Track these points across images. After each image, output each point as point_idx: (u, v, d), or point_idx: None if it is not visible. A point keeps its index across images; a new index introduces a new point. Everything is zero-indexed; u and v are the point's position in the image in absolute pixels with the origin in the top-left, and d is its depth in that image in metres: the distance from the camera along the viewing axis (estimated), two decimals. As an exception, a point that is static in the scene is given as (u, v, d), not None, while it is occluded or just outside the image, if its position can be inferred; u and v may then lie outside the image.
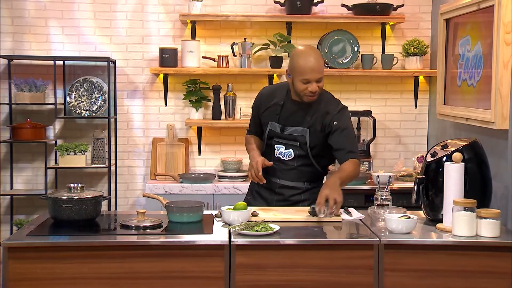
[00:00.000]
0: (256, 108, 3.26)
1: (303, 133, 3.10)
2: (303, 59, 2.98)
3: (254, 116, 3.30)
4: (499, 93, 3.03)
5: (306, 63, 2.97)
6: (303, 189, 3.19)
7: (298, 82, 2.99)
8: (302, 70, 2.97)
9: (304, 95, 3.02)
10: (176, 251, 2.57)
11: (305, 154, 3.12)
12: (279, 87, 3.24)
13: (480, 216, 2.65)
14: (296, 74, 2.99)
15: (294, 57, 3.04)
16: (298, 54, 3.04)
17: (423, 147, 4.70)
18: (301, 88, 3.00)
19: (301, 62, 2.97)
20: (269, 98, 3.19)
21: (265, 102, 3.20)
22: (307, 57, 2.99)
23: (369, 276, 2.58)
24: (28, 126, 4.36)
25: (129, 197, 4.67)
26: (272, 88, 3.30)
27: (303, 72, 2.97)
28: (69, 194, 2.77)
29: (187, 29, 4.60)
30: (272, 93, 3.21)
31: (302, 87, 2.99)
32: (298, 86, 3.00)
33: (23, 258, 2.52)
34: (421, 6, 4.66)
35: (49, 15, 4.53)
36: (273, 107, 3.16)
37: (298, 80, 2.98)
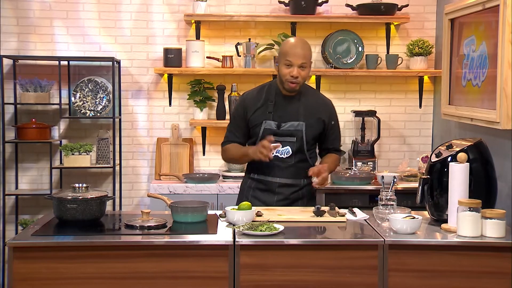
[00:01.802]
0: (242, 113, 3.20)
1: (300, 127, 3.15)
2: (289, 44, 3.12)
3: (238, 123, 3.22)
4: (504, 93, 3.02)
5: (290, 47, 3.09)
6: (301, 186, 3.23)
7: (282, 66, 3.08)
8: (286, 52, 3.07)
9: (286, 81, 3.09)
10: (180, 251, 2.57)
11: (301, 149, 3.18)
12: (262, 88, 3.26)
13: (485, 217, 2.64)
14: (281, 58, 3.09)
15: (282, 44, 3.20)
16: (286, 41, 3.21)
17: (428, 147, 4.69)
18: (284, 73, 3.08)
19: (287, 46, 3.11)
20: (255, 99, 3.19)
21: (252, 105, 3.19)
22: (293, 42, 3.13)
23: (374, 276, 2.58)
24: (33, 126, 4.37)
25: (133, 197, 4.68)
26: (255, 91, 3.27)
27: (286, 53, 3.07)
28: (74, 194, 2.78)
29: (191, 29, 4.61)
30: (257, 94, 3.22)
31: (285, 71, 3.07)
32: (282, 71, 3.08)
33: (28, 258, 2.53)
34: (425, 6, 4.65)
35: (54, 15, 4.54)
36: (264, 106, 3.17)
37: (282, 64, 3.08)
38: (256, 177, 3.22)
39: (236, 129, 3.24)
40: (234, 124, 3.26)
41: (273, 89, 3.20)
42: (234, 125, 3.25)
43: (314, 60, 4.66)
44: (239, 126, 3.22)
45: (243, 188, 3.30)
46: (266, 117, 3.15)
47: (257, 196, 3.21)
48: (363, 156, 4.46)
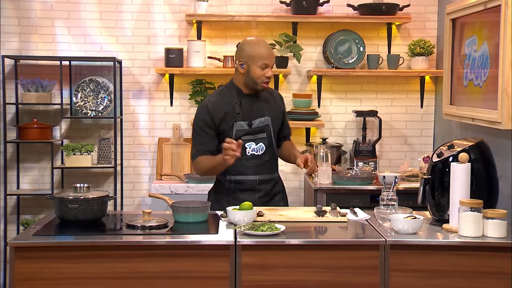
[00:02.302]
0: (209, 121, 3.11)
1: (267, 122, 3.21)
2: (260, 46, 3.11)
3: (207, 132, 3.12)
4: (505, 93, 3.01)
5: (264, 49, 3.11)
6: (276, 180, 3.29)
7: (256, 68, 3.08)
8: (263, 55, 3.08)
9: (260, 82, 3.12)
10: (181, 251, 2.57)
11: (271, 143, 3.23)
12: (220, 93, 3.22)
13: (486, 217, 2.64)
14: (255, 61, 3.08)
15: (248, 45, 3.13)
16: (252, 42, 3.15)
17: (429, 147, 4.69)
18: (258, 75, 3.09)
19: (259, 48, 3.10)
20: (218, 105, 3.14)
21: (217, 111, 3.13)
22: (262, 44, 3.14)
23: (375, 277, 2.58)
24: (34, 126, 4.38)
25: (135, 197, 4.68)
26: (214, 97, 3.19)
27: (263, 57, 3.08)
28: (75, 194, 2.78)
29: (192, 29, 4.61)
30: (218, 100, 3.16)
31: (260, 73, 3.09)
32: (256, 72, 3.09)
33: (30, 258, 2.53)
34: (427, 6, 4.65)
35: (55, 15, 4.54)
36: (230, 110, 3.14)
37: (257, 67, 3.08)
38: (234, 178, 3.17)
39: (206, 139, 3.12)
40: (202, 135, 3.13)
41: (233, 91, 3.18)
42: (203, 136, 3.13)
43: (316, 60, 4.66)
44: (209, 135, 3.12)
45: (220, 192, 3.21)
46: (235, 119, 3.14)
47: (238, 197, 3.15)
48: (365, 156, 4.46)
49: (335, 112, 4.69)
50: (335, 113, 4.69)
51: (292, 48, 4.46)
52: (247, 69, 3.10)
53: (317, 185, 3.99)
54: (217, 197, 3.23)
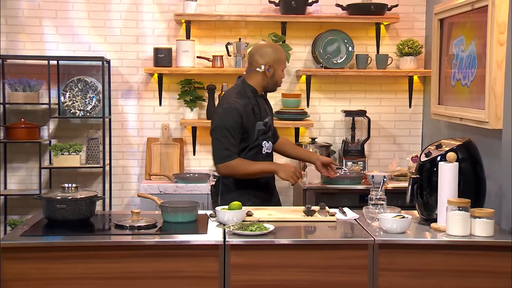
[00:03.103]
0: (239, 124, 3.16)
1: (270, 121, 3.36)
2: (282, 51, 3.35)
3: (236, 134, 3.16)
4: (493, 93, 3.04)
5: (283, 52, 3.36)
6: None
7: (280, 72, 3.31)
8: (284, 59, 3.34)
9: (280, 83, 3.36)
10: (170, 251, 2.57)
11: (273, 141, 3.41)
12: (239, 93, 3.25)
13: (474, 216, 2.66)
14: (280, 64, 3.30)
15: (274, 51, 3.30)
16: (275, 46, 3.38)
17: (418, 147, 4.71)
18: (280, 78, 3.33)
19: (282, 53, 3.33)
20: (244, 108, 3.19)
21: (244, 115, 3.18)
22: (281, 49, 3.38)
23: (364, 276, 2.59)
24: (22, 126, 4.35)
25: (123, 197, 4.67)
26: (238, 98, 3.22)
27: (284, 61, 3.35)
28: (63, 194, 2.77)
29: (181, 29, 4.60)
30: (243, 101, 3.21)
31: (282, 76, 3.34)
32: (280, 75, 3.32)
33: (17, 259, 2.51)
34: (415, 6, 4.67)
35: (43, 14, 4.51)
36: (250, 111, 3.21)
37: (281, 70, 3.31)
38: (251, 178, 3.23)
39: (235, 142, 3.17)
40: (232, 137, 3.15)
41: (249, 92, 3.26)
42: (233, 139, 3.16)
43: (305, 60, 4.67)
44: (237, 137, 3.18)
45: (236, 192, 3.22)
46: (255, 119, 3.23)
47: (256, 195, 3.25)
48: (353, 156, 4.48)
49: (324, 112, 4.70)
50: (324, 113, 4.70)
51: (281, 48, 4.46)
52: (273, 72, 3.28)
53: (306, 185, 4.00)
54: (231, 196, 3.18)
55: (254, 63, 3.27)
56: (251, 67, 3.29)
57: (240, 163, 3.16)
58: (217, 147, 3.18)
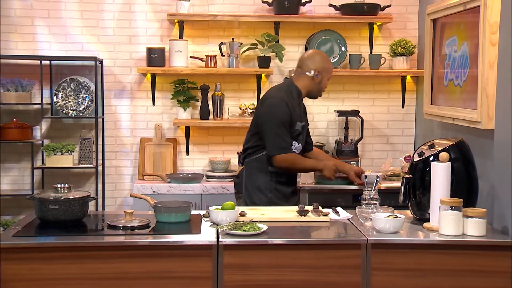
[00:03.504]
0: (288, 118, 3.40)
1: (306, 125, 3.61)
2: (330, 62, 3.65)
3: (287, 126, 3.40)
4: (485, 93, 3.05)
5: (332, 66, 3.67)
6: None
7: (326, 80, 3.56)
8: (331, 69, 3.63)
9: (322, 92, 3.61)
10: (164, 251, 2.57)
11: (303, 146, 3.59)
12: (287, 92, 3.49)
13: (466, 215, 2.67)
14: (328, 73, 3.56)
15: (324, 59, 3.58)
16: (325, 55, 3.64)
17: (411, 146, 4.72)
18: (325, 86, 3.58)
19: (329, 63, 3.62)
20: (292, 104, 3.44)
21: (292, 110, 3.43)
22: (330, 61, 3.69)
23: (357, 276, 2.59)
24: (14, 126, 4.33)
25: (116, 197, 4.66)
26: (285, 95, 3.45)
27: (332, 71, 3.64)
28: (56, 195, 2.76)
29: (174, 28, 4.59)
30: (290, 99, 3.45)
31: (326, 84, 3.58)
32: (325, 83, 3.57)
33: (10, 259, 2.50)
34: (408, 7, 4.68)
35: (36, 14, 4.50)
36: (296, 109, 3.47)
37: (327, 79, 3.56)
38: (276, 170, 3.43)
39: (288, 133, 3.41)
40: (285, 129, 3.39)
41: (294, 93, 3.51)
42: (286, 131, 3.40)
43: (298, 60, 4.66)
44: (288, 129, 3.41)
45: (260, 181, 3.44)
46: (297, 119, 3.47)
47: (278, 188, 3.46)
48: (347, 156, 4.48)
49: (317, 111, 4.70)
50: (317, 112, 4.70)
51: (274, 48, 4.47)
52: (320, 79, 3.52)
53: (300, 185, 4.00)
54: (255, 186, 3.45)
55: (304, 67, 3.53)
56: (301, 70, 3.54)
57: (296, 157, 3.45)
58: (273, 138, 3.37)
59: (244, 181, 3.50)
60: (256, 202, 3.41)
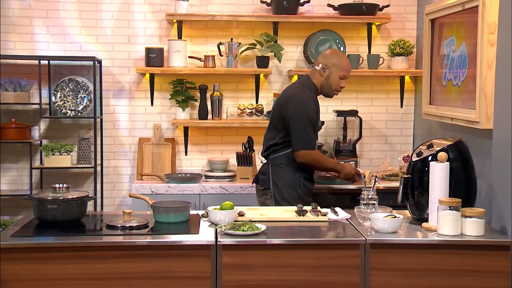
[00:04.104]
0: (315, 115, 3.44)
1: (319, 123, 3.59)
2: (345, 59, 3.54)
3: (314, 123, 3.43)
4: (483, 93, 3.05)
5: (347, 62, 3.53)
6: None
7: (336, 77, 3.46)
8: (345, 67, 3.49)
9: (334, 90, 3.51)
10: (162, 251, 2.57)
11: None
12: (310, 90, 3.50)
13: (465, 215, 2.67)
14: (338, 70, 3.46)
15: (336, 55, 3.53)
16: (340, 53, 3.60)
17: (409, 146, 4.73)
18: (336, 83, 3.48)
19: (344, 60, 3.52)
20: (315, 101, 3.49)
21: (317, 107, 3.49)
22: (347, 58, 3.60)
23: (355, 276, 2.59)
24: (12, 126, 4.33)
25: (115, 197, 4.65)
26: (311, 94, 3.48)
27: (345, 69, 3.49)
28: (54, 195, 2.76)
29: (173, 28, 4.59)
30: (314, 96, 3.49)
31: (337, 82, 3.48)
32: (335, 80, 3.47)
33: (8, 259, 2.50)
34: (406, 7, 4.68)
35: (34, 14, 4.49)
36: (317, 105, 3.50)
37: (337, 75, 3.46)
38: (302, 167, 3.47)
39: (315, 130, 3.45)
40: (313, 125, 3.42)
41: (312, 88, 3.51)
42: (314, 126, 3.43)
43: (297, 60, 4.68)
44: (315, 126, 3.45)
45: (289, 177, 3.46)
46: (318, 116, 3.50)
47: (306, 185, 3.51)
48: (345, 156, 4.48)
49: (315, 111, 4.70)
50: (315, 112, 4.70)
51: (273, 48, 4.47)
52: (328, 74, 3.47)
53: None
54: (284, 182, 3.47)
55: (315, 62, 3.55)
56: (313, 65, 3.57)
57: (320, 154, 3.49)
58: (300, 134, 3.39)
59: (272, 178, 3.51)
60: (286, 198, 3.44)
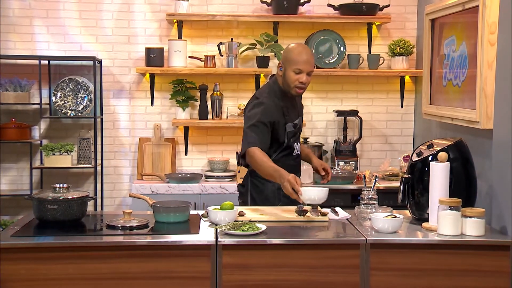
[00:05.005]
0: (270, 120, 3.12)
1: (300, 122, 3.31)
2: (297, 51, 3.14)
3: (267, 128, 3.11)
4: (483, 93, 3.05)
5: (300, 54, 3.13)
6: None
7: (290, 72, 3.12)
8: (296, 60, 3.11)
9: (294, 87, 3.15)
10: (162, 251, 2.56)
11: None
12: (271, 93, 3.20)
13: (465, 215, 2.67)
14: (290, 65, 3.12)
15: (288, 50, 3.18)
16: (292, 47, 3.19)
17: (409, 146, 4.73)
18: (292, 79, 3.13)
19: (295, 53, 3.13)
20: (276, 107, 3.17)
21: (276, 114, 3.16)
22: (301, 49, 3.16)
23: (356, 276, 2.59)
24: (13, 126, 4.33)
25: (115, 197, 4.65)
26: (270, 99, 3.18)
27: (297, 62, 3.11)
28: (55, 195, 2.76)
29: (173, 28, 4.59)
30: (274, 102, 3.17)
31: (294, 78, 3.12)
32: (291, 76, 3.13)
33: (8, 259, 2.50)
34: (406, 7, 4.68)
35: (34, 14, 4.49)
36: (280, 111, 3.18)
37: (291, 71, 3.12)
38: None
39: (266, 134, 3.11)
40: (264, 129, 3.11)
41: (278, 92, 3.20)
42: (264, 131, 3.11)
43: (296, 60, 4.67)
44: (268, 132, 3.12)
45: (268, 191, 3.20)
46: (285, 120, 3.19)
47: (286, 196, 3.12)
48: (345, 156, 4.49)
49: (316, 111, 4.70)
50: (316, 112, 4.71)
51: (273, 48, 4.47)
52: (284, 72, 3.16)
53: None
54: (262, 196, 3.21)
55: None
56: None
57: (259, 155, 3.01)
58: (244, 137, 3.12)
59: (250, 191, 3.28)
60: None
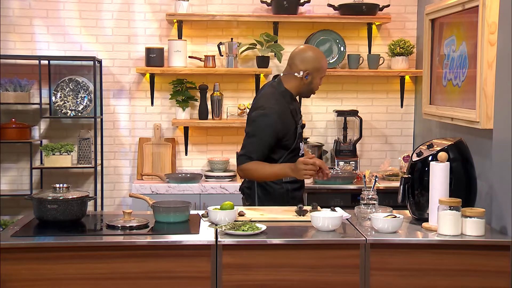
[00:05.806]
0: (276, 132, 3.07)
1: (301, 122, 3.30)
2: (324, 59, 3.24)
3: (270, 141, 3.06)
4: (483, 93, 3.05)
5: (325, 61, 3.25)
6: None
7: (317, 80, 3.21)
8: (325, 68, 3.24)
9: (315, 91, 3.27)
10: (162, 251, 2.56)
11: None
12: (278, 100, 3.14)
13: (465, 215, 2.67)
14: (320, 73, 3.19)
15: (316, 59, 3.17)
16: (318, 55, 3.22)
17: (409, 146, 4.73)
18: (317, 86, 3.23)
19: (324, 62, 3.23)
20: (284, 114, 3.13)
21: (284, 122, 3.11)
22: (323, 55, 3.26)
23: (356, 276, 2.59)
24: (13, 126, 4.33)
25: (115, 197, 4.65)
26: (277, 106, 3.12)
27: (325, 69, 3.24)
28: (55, 195, 2.76)
29: (173, 28, 4.59)
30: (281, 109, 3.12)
31: (318, 84, 3.23)
32: (317, 83, 3.22)
33: (8, 260, 2.50)
34: (406, 7, 4.68)
35: (34, 14, 4.49)
36: (289, 116, 3.15)
37: (319, 78, 3.21)
38: (289, 179, 3.16)
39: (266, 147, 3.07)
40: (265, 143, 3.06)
41: (287, 96, 3.17)
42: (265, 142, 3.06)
43: (296, 60, 4.67)
44: (270, 145, 3.07)
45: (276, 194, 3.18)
46: (295, 123, 3.18)
47: (295, 196, 3.22)
48: (345, 156, 4.49)
49: (316, 111, 4.71)
50: (316, 112, 4.71)
51: (273, 48, 4.47)
52: (311, 80, 3.17)
53: None
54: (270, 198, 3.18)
55: (293, 67, 3.16)
56: (290, 70, 3.18)
57: (255, 167, 3.03)
58: (240, 152, 3.09)
59: (257, 193, 3.21)
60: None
